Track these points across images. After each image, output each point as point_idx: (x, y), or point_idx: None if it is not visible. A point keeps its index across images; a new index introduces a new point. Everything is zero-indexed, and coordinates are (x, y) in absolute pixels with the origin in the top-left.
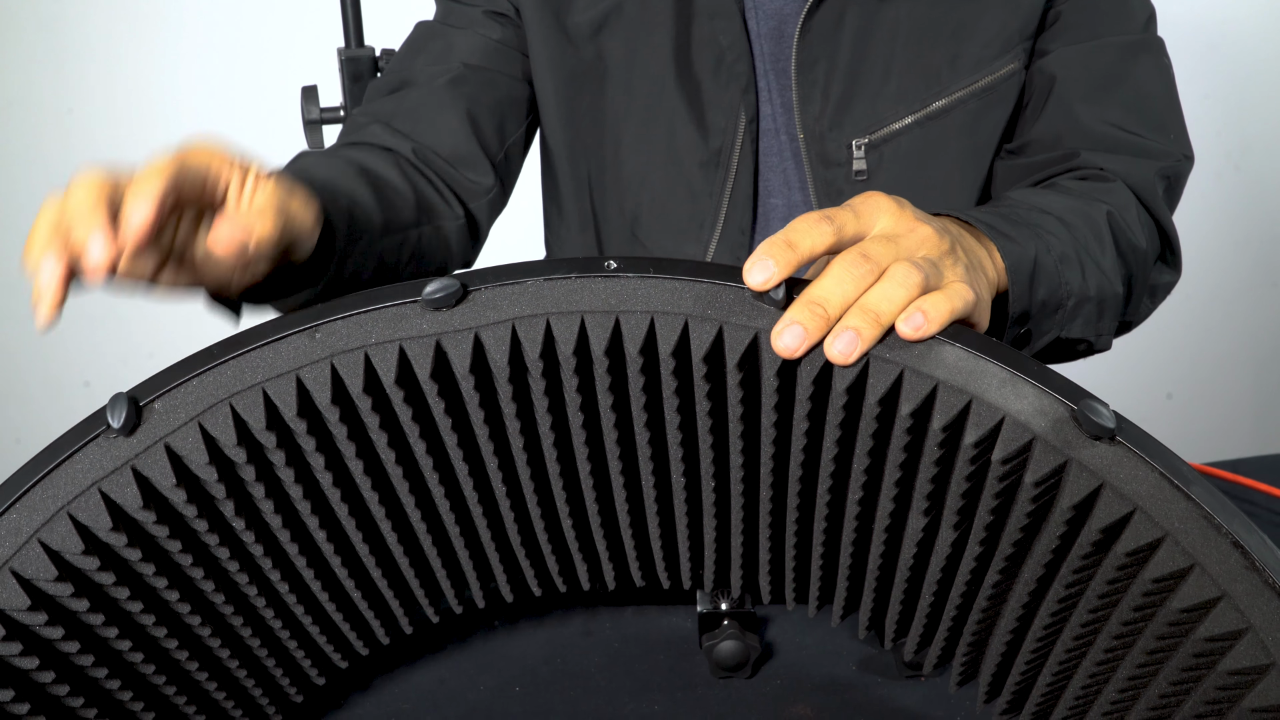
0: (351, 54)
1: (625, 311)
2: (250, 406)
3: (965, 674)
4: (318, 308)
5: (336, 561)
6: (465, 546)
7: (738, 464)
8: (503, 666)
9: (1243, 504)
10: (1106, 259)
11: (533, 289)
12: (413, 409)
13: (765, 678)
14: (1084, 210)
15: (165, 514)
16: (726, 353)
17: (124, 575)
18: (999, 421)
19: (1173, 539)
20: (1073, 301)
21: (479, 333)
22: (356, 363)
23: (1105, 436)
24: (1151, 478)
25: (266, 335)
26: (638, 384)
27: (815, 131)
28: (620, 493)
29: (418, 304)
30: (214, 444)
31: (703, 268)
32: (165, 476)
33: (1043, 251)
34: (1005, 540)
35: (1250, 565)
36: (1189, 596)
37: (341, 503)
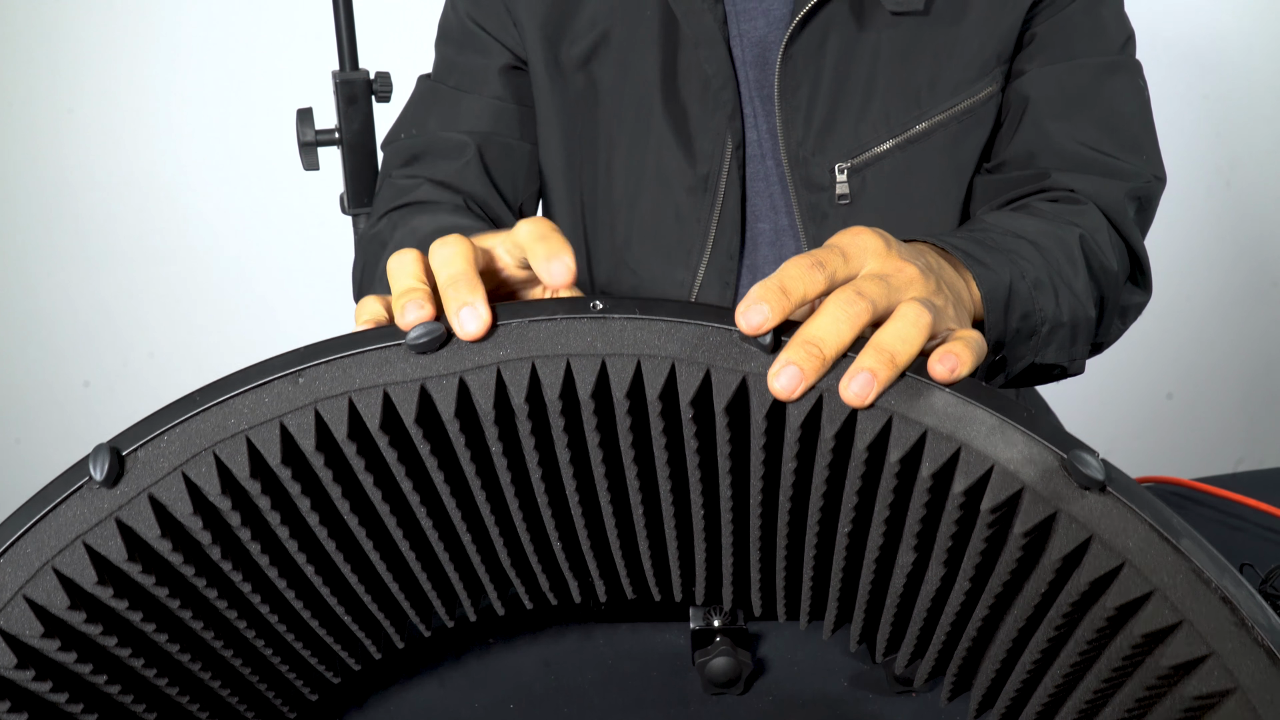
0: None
1: (611, 355)
2: (234, 454)
3: (956, 688)
4: (299, 351)
5: (326, 591)
6: (456, 569)
7: (726, 498)
8: (497, 683)
9: (1232, 519)
10: (1079, 282)
11: (517, 331)
12: (398, 452)
13: (758, 694)
14: (1056, 234)
15: (151, 563)
16: (714, 396)
17: (111, 625)
18: (988, 470)
19: (1161, 594)
20: (1047, 327)
21: (464, 377)
22: (340, 408)
23: (1095, 487)
24: (1141, 530)
25: (249, 381)
26: (625, 425)
27: (799, 156)
28: (610, 519)
29: (401, 348)
30: (198, 493)
31: (689, 309)
32: (150, 527)
33: (1017, 278)
34: (994, 581)
35: (1239, 622)
36: (1177, 654)
37: (329, 539)
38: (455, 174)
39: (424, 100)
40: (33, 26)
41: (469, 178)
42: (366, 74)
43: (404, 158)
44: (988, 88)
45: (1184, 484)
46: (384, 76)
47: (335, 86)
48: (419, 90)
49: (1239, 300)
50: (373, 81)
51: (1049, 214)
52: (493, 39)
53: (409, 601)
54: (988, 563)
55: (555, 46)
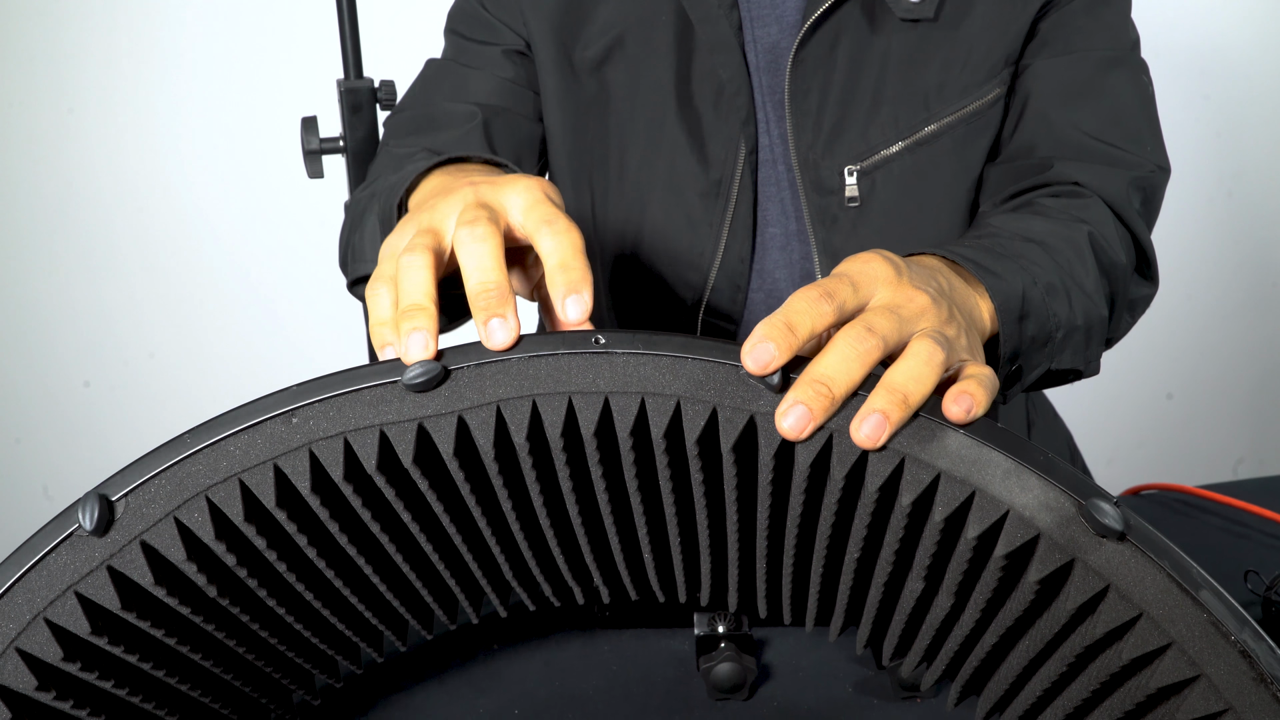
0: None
1: (615, 392)
2: (227, 498)
3: (963, 693)
4: (292, 389)
5: (328, 612)
6: (458, 585)
7: (732, 525)
8: (501, 689)
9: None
10: (1090, 281)
11: (517, 368)
12: (396, 489)
13: (762, 700)
14: (1064, 233)
15: (147, 609)
16: (721, 436)
17: (108, 670)
18: (1003, 516)
19: (1179, 647)
20: (1061, 333)
21: (463, 415)
22: (336, 449)
23: (1113, 536)
24: (1159, 580)
25: (240, 421)
26: (629, 461)
27: (809, 160)
28: (616, 545)
29: (397, 386)
30: (192, 538)
31: (693, 344)
32: (143, 575)
33: (1029, 285)
34: (1006, 615)
35: (1259, 678)
36: (1193, 708)
37: (328, 568)
38: (455, 143)
39: (431, 78)
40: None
41: (470, 146)
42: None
43: (404, 130)
44: (995, 90)
45: (1188, 491)
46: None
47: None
48: (426, 70)
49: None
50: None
51: (1055, 212)
52: (503, 24)
53: (411, 613)
54: (999, 599)
55: (568, 49)
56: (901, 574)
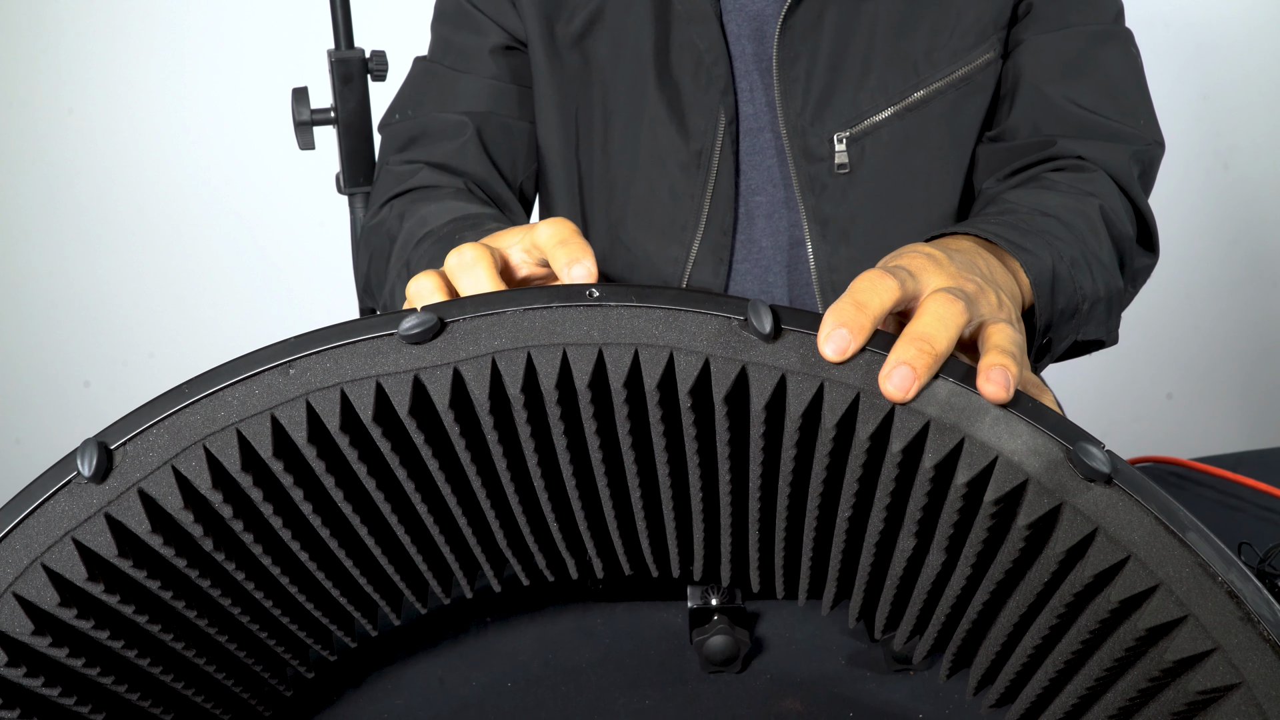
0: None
1: (608, 344)
2: (224, 447)
3: (955, 665)
4: (290, 341)
5: (321, 575)
6: (451, 550)
7: (725, 486)
8: (495, 663)
9: (1231, 499)
10: (1105, 253)
11: (511, 320)
12: (391, 442)
13: (755, 673)
14: (1079, 208)
15: (142, 558)
16: (714, 386)
17: (103, 619)
18: (991, 462)
19: (1166, 588)
20: (1087, 305)
21: (458, 367)
22: (333, 400)
23: (1100, 479)
24: (1146, 523)
25: (238, 372)
26: (622, 415)
27: (797, 126)
28: (608, 505)
29: (394, 338)
30: (189, 486)
31: (687, 296)
32: (140, 523)
33: (1057, 260)
34: (996, 568)
35: (1245, 617)
36: (1182, 648)
37: (323, 527)
38: (453, 155)
39: (420, 81)
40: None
41: (468, 158)
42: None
43: (400, 141)
44: (985, 54)
45: (1183, 464)
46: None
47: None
48: (415, 71)
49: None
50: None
51: (1064, 186)
52: (488, 19)
53: (405, 582)
54: (989, 551)
55: (552, 24)
56: (893, 530)
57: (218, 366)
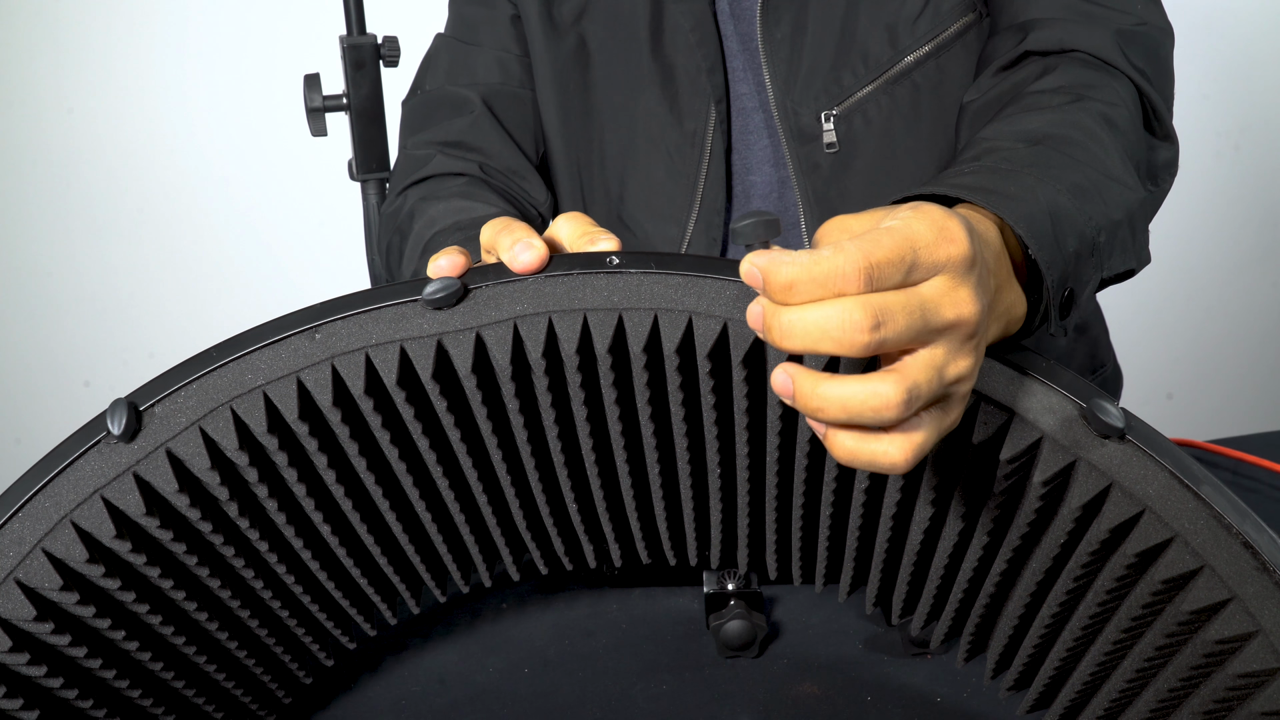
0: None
1: (628, 309)
2: (251, 409)
3: (973, 649)
4: (317, 307)
5: (342, 552)
6: (471, 532)
7: (743, 454)
8: (511, 649)
9: (1244, 479)
10: (1114, 162)
11: (534, 287)
12: (415, 408)
13: (772, 657)
14: (1070, 119)
15: (169, 518)
16: (731, 349)
17: (129, 579)
18: (1007, 421)
19: (1182, 540)
20: (1104, 236)
21: (480, 332)
22: (358, 364)
23: (1114, 435)
24: (1161, 477)
25: (266, 337)
26: (641, 380)
27: (787, 107)
28: (626, 479)
29: (418, 303)
30: (216, 448)
31: (705, 263)
32: (167, 482)
33: (1054, 194)
34: (1013, 533)
35: (1261, 566)
36: (1199, 598)
37: (345, 498)
38: (467, 131)
39: (435, 57)
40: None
41: (482, 133)
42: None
43: (416, 119)
44: (965, 16)
45: (1196, 445)
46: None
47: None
48: (432, 47)
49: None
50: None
51: (1048, 99)
52: None
53: (424, 566)
54: (1007, 514)
55: (549, 4)
56: (910, 500)
57: (245, 331)
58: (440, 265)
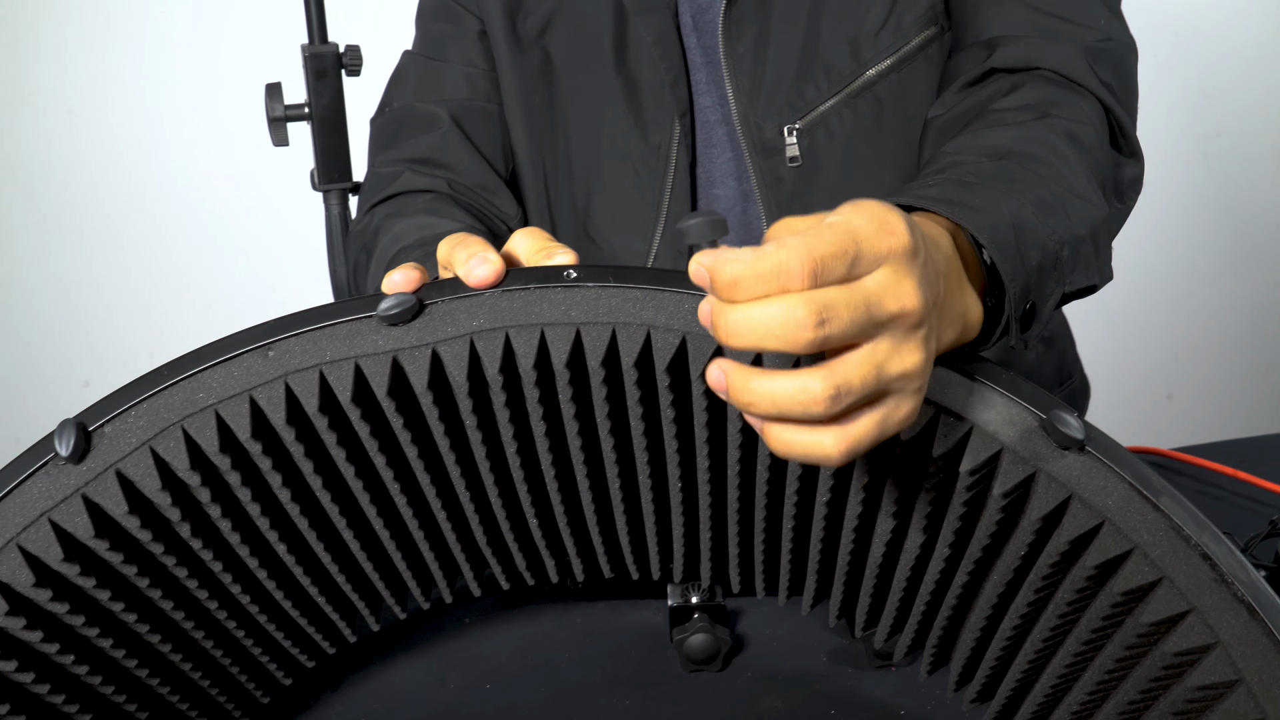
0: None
1: (586, 323)
2: (203, 429)
3: (936, 661)
4: (270, 323)
5: (299, 570)
6: (431, 548)
7: (704, 467)
8: (473, 664)
9: (1209, 488)
10: (1079, 178)
11: (490, 301)
12: (370, 426)
13: (736, 670)
14: (1034, 135)
15: (119, 540)
16: (690, 363)
17: (77, 603)
18: (966, 432)
19: (1141, 551)
20: (1067, 250)
21: (436, 348)
22: (311, 381)
23: (1074, 447)
24: (1120, 489)
25: (217, 355)
26: (600, 395)
27: (750, 120)
28: (586, 494)
29: (373, 320)
30: (167, 468)
31: (663, 275)
32: (117, 504)
33: (1018, 207)
34: (974, 545)
35: (1219, 578)
36: (1158, 610)
37: (301, 516)
38: (435, 148)
39: (403, 74)
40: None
41: (450, 149)
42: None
43: (385, 137)
44: (928, 29)
45: (1162, 453)
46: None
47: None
48: (400, 65)
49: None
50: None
51: (1013, 115)
52: (463, 9)
53: (384, 583)
54: (967, 526)
55: (513, 19)
56: (871, 512)
57: (198, 349)
58: (395, 280)
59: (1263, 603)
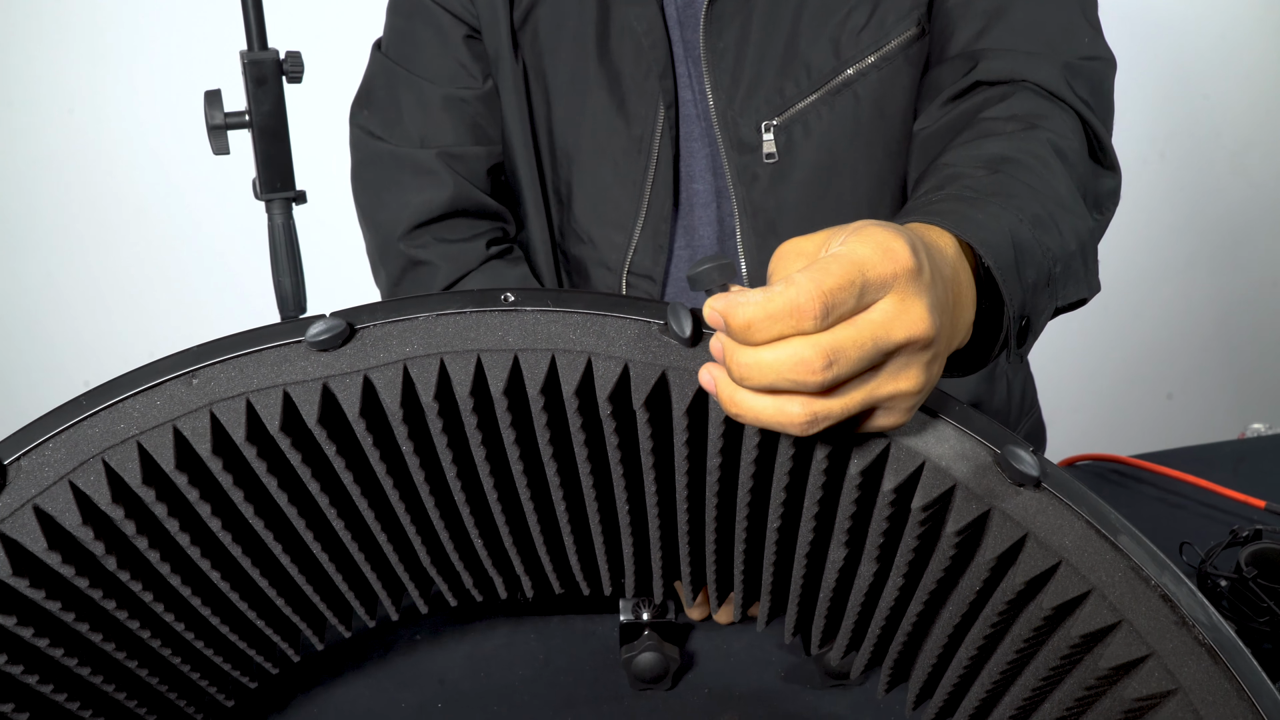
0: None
1: (524, 349)
2: (125, 461)
3: (893, 679)
4: (193, 351)
5: (235, 596)
6: (373, 569)
7: (651, 491)
8: (424, 683)
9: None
10: (1065, 190)
11: (424, 326)
12: (302, 453)
13: (692, 687)
14: (1025, 147)
15: (40, 577)
16: (633, 391)
17: (0, 640)
18: (919, 466)
19: (1100, 593)
20: (1059, 266)
21: (368, 375)
22: (238, 410)
23: (1029, 483)
24: (1078, 527)
25: (139, 383)
26: (541, 422)
27: (728, 117)
28: (531, 515)
29: (301, 345)
30: (88, 502)
31: (604, 300)
32: (35, 540)
33: (1015, 224)
34: (928, 578)
35: (1180, 621)
36: (1117, 654)
37: (234, 543)
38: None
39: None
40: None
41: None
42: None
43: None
44: (908, 30)
45: (1124, 461)
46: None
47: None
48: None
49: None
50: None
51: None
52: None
53: (325, 603)
54: (920, 560)
55: (508, 12)
56: (823, 540)
57: (118, 377)
58: None
59: (1224, 646)
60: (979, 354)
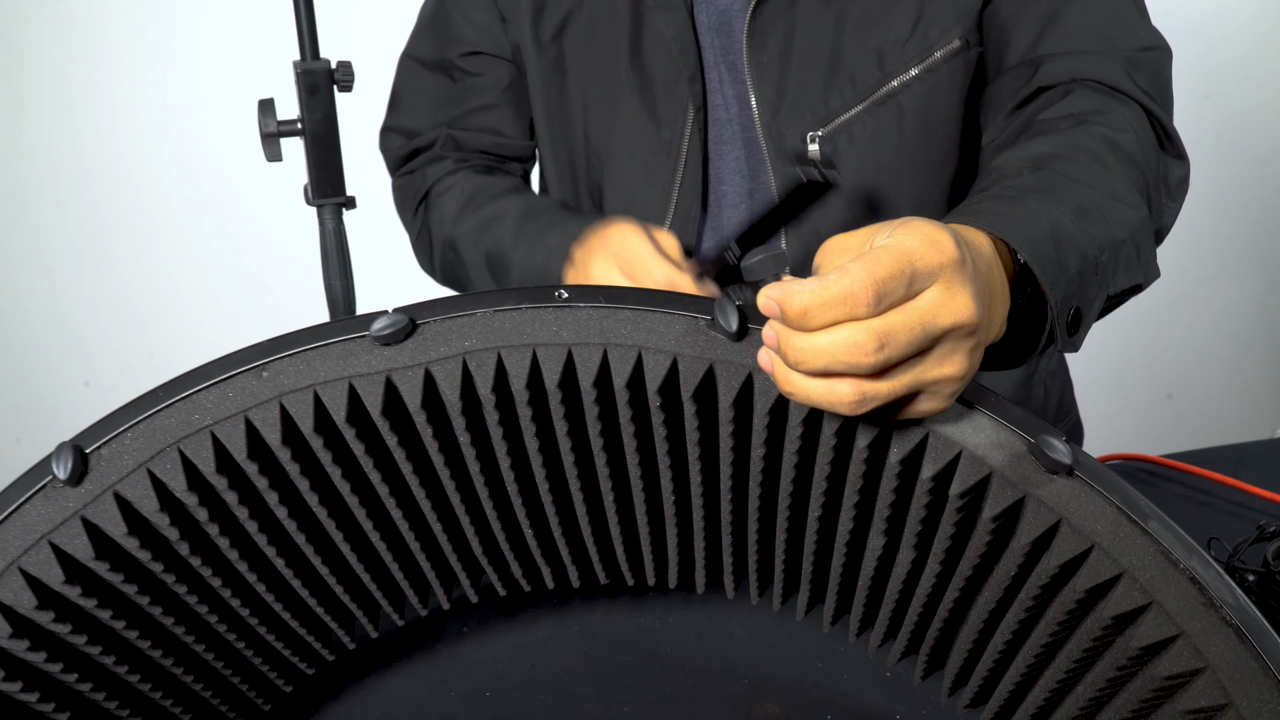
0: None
1: (577, 344)
2: (199, 450)
3: (929, 666)
4: (263, 345)
5: (298, 583)
6: (427, 559)
7: (697, 483)
8: (472, 672)
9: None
10: (1118, 181)
11: (482, 321)
12: (365, 444)
13: (732, 677)
14: (1074, 142)
15: (119, 561)
16: (681, 384)
17: (80, 623)
18: (956, 455)
19: (1130, 576)
20: (1106, 254)
21: (429, 368)
22: (306, 402)
23: (1062, 471)
24: (1109, 513)
25: (212, 376)
26: (593, 414)
27: (773, 128)
28: (581, 507)
29: (366, 339)
30: (164, 489)
31: (654, 296)
32: (116, 525)
33: (1056, 216)
34: (965, 564)
35: (1208, 602)
36: (1147, 635)
37: (299, 531)
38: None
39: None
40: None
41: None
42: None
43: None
44: (952, 42)
45: (1152, 460)
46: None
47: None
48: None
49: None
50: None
51: (1055, 124)
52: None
53: (381, 591)
54: (957, 546)
55: (537, 22)
56: (863, 528)
57: (192, 370)
58: None
59: (1251, 627)
60: (1019, 349)
